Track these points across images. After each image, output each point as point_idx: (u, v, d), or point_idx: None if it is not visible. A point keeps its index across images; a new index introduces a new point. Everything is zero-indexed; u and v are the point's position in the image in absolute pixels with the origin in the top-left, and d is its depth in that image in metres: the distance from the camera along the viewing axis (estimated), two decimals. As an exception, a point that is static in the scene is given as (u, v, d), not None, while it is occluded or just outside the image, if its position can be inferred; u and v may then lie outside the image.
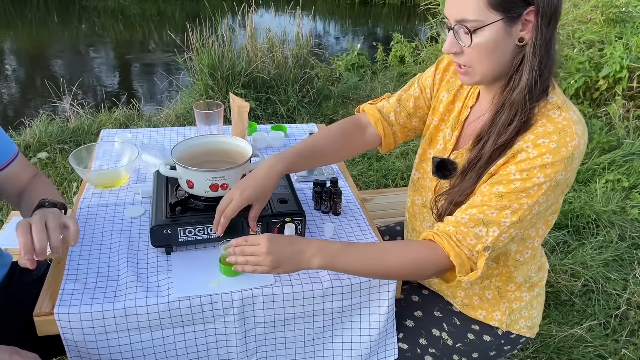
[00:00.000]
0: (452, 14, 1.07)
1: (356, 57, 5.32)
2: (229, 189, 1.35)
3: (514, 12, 1.02)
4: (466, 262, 1.12)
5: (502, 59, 1.08)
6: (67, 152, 3.40)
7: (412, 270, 1.16)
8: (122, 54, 6.85)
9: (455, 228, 1.13)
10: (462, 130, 1.29)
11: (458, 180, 1.20)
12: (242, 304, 1.21)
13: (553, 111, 1.08)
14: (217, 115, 1.81)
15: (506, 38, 1.05)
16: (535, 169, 1.06)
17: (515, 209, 1.09)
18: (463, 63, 1.12)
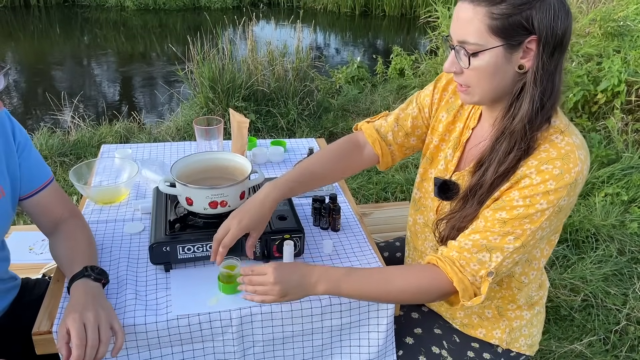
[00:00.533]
0: (455, 35, 1.08)
1: (356, 69, 5.35)
2: (228, 206, 1.36)
3: (515, 39, 1.02)
4: (469, 288, 1.12)
5: (502, 84, 1.09)
6: (67, 166, 3.41)
7: (416, 294, 1.18)
8: (123, 66, 6.89)
9: (458, 254, 1.14)
10: (463, 152, 1.29)
11: (459, 205, 1.20)
12: (241, 322, 1.21)
13: (556, 135, 1.08)
14: (216, 131, 1.82)
15: (506, 64, 1.05)
16: (538, 196, 1.07)
17: (519, 234, 1.10)
18: (462, 82, 1.13)
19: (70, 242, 1.31)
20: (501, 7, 1.01)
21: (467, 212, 1.17)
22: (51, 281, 1.30)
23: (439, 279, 1.14)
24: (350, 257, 1.42)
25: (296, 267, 1.17)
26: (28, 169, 1.32)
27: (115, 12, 9.69)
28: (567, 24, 1.02)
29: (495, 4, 1.01)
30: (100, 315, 1.09)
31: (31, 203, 1.35)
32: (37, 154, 1.37)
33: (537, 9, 1.00)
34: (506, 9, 1.01)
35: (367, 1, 10.03)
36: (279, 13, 10.06)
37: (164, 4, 9.81)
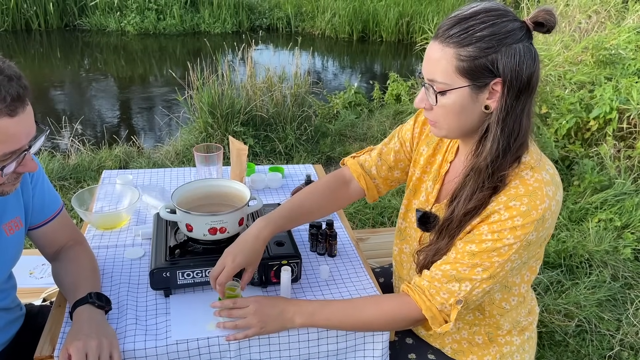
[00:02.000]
0: (426, 72, 1.12)
1: (353, 95, 5.44)
2: (227, 232, 1.39)
3: (480, 80, 1.07)
4: (438, 315, 1.18)
5: (468, 122, 1.13)
6: (67, 190, 3.45)
7: (388, 322, 1.25)
8: (123, 90, 6.97)
9: (429, 283, 1.20)
10: (442, 184, 1.34)
11: (434, 238, 1.25)
12: (239, 346, 1.24)
13: (526, 172, 1.12)
14: (216, 158, 1.86)
15: (472, 103, 1.10)
16: (505, 231, 1.12)
17: (487, 266, 1.15)
18: (430, 118, 1.18)
19: (74, 267, 1.34)
20: (468, 49, 1.05)
21: (440, 245, 1.23)
22: (53, 306, 1.33)
23: (408, 307, 1.21)
24: (346, 283, 1.45)
25: (275, 301, 1.27)
26: (40, 199, 1.34)
27: (115, 37, 9.81)
28: (533, 69, 1.06)
29: (462, 47, 1.05)
30: (102, 344, 1.12)
31: (39, 233, 1.37)
32: (49, 183, 1.39)
33: (502, 53, 1.04)
34: (473, 51, 1.04)
35: (364, 27, 10.19)
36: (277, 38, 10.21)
37: (164, 28, 9.95)
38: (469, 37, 1.04)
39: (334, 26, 10.13)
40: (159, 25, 9.96)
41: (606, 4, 6.44)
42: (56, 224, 1.38)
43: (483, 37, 1.04)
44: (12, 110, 0.97)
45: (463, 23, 1.06)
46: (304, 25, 10.52)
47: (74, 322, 1.17)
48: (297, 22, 10.51)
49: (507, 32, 1.04)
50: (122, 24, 9.93)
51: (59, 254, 1.39)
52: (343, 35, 10.17)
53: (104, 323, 1.19)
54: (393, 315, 1.23)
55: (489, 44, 1.04)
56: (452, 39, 1.06)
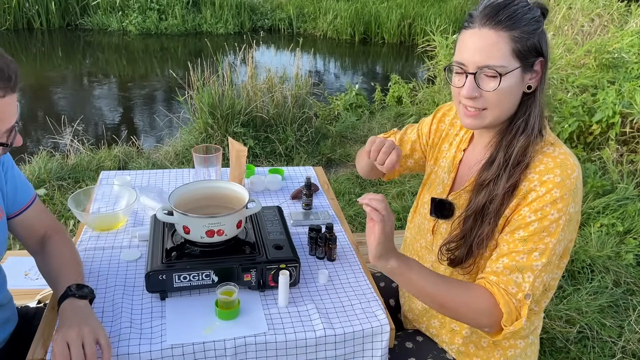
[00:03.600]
0: (477, 61, 1.13)
1: (354, 97, 5.42)
2: (225, 235, 1.37)
3: (529, 61, 1.13)
4: (514, 311, 1.15)
5: (512, 104, 1.18)
6: (65, 190, 3.42)
7: (468, 314, 1.18)
8: (124, 90, 6.96)
9: (496, 277, 1.17)
10: (457, 173, 1.36)
11: (470, 224, 1.23)
12: (235, 352, 1.22)
13: (547, 147, 1.17)
14: (215, 159, 1.84)
15: (519, 85, 1.15)
16: (547, 207, 1.13)
17: (542, 250, 1.14)
18: (479, 106, 1.17)
19: (55, 261, 1.34)
20: (520, 30, 1.10)
21: (483, 230, 1.21)
22: (46, 309, 1.30)
23: (490, 302, 1.15)
24: (345, 287, 1.43)
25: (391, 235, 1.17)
26: (13, 187, 1.35)
27: (117, 36, 9.81)
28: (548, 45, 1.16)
29: (515, 29, 1.10)
30: (83, 331, 1.11)
31: (17, 222, 1.38)
32: (20, 172, 1.41)
33: (541, 35, 1.13)
34: (524, 32, 1.10)
35: (366, 28, 10.18)
36: (279, 39, 10.20)
37: (165, 28, 9.94)
38: (519, 19, 1.10)
39: (335, 27, 10.12)
40: (160, 25, 9.96)
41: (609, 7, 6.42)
42: (33, 211, 1.40)
43: (529, 19, 1.11)
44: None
45: (507, 8, 1.11)
46: (306, 27, 10.51)
47: (59, 318, 1.17)
48: (299, 23, 10.50)
49: (539, 16, 1.13)
50: (124, 23, 9.93)
51: (41, 246, 1.39)
52: (345, 37, 10.16)
53: (86, 312, 1.18)
54: (477, 309, 1.16)
55: (535, 25, 1.11)
56: (503, 23, 1.10)
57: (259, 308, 1.32)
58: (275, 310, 1.32)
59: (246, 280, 1.36)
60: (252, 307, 1.32)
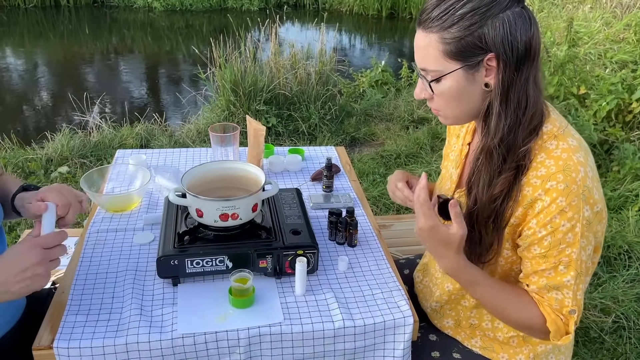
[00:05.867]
0: (418, 62, 1.08)
1: (380, 73, 5.26)
2: (240, 219, 1.30)
3: (472, 59, 1.01)
4: (562, 328, 1.09)
5: (471, 105, 1.08)
6: (87, 167, 3.41)
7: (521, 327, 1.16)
8: (148, 67, 6.94)
9: (538, 296, 1.11)
10: (464, 168, 1.28)
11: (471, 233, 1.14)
12: (249, 342, 1.15)
13: (550, 142, 1.05)
14: (232, 138, 1.76)
15: (470, 85, 1.04)
16: (555, 218, 1.02)
17: (566, 263, 1.05)
18: (434, 107, 1.13)
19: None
20: (452, 31, 0.99)
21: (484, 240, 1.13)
22: (56, 292, 1.26)
23: (541, 319, 1.10)
24: (366, 275, 1.35)
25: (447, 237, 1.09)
26: None
27: (143, 13, 9.78)
28: (529, 34, 0.99)
29: (445, 29, 1.00)
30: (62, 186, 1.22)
31: None
32: None
33: (489, 26, 0.98)
34: (457, 32, 0.99)
35: (393, 3, 9.92)
36: (304, 15, 10.02)
37: (190, 5, 9.87)
38: (450, 17, 0.99)
39: (362, 2, 9.89)
40: (185, 1, 9.89)
41: (652, -22, 6.07)
42: None
43: (464, 14, 0.98)
44: None
45: (442, 4, 1.01)
46: (332, 2, 10.30)
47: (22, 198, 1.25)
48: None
49: (490, 3, 0.98)
50: (150, 0, 9.87)
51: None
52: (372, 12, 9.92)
53: None
54: (531, 324, 1.12)
55: (471, 20, 0.98)
56: (434, 22, 1.01)
57: (275, 296, 1.26)
58: (292, 299, 1.25)
59: (262, 267, 1.29)
60: (268, 295, 1.26)
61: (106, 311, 1.19)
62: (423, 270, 1.48)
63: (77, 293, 1.24)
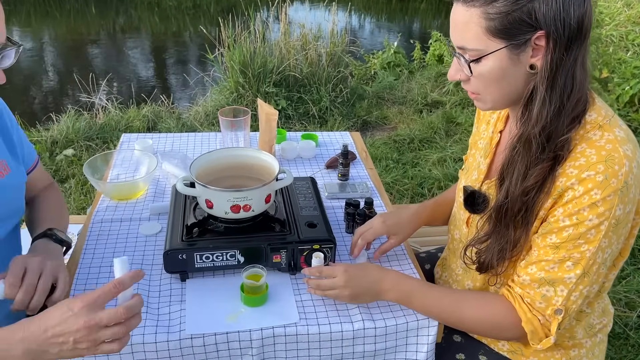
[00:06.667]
0: (454, 40, 0.97)
1: (392, 55, 5.12)
2: (252, 210, 1.22)
3: (519, 38, 0.91)
4: (539, 329, 1.00)
5: (513, 88, 0.97)
6: (93, 151, 3.34)
7: (488, 329, 1.10)
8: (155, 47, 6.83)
9: (522, 290, 1.02)
10: (494, 157, 1.18)
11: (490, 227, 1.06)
12: (262, 344, 1.08)
13: (594, 132, 0.95)
14: (243, 123, 1.67)
15: (513, 66, 0.94)
16: (584, 211, 0.93)
17: (577, 259, 0.96)
18: (470, 90, 1.03)
19: (43, 205, 1.28)
20: (497, 5, 0.89)
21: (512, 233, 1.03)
22: (58, 287, 1.19)
23: (512, 318, 1.03)
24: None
25: (367, 271, 1.13)
26: (20, 147, 1.25)
27: (150, -8, 9.62)
28: (582, 10, 0.89)
29: (489, 3, 0.90)
30: (45, 264, 1.03)
31: None
32: (23, 133, 1.31)
33: (540, 1, 0.88)
34: (503, 6, 0.89)
35: (404, -17, 9.70)
36: (314, -6, 9.82)
37: (198, -16, 9.69)
38: None
39: (373, -18, 9.66)
40: (192, -20, 9.70)
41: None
42: (36, 173, 1.33)
43: None
44: None
45: None
46: (342, -19, 10.07)
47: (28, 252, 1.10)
48: (335, -23, 10.08)
49: None
50: (156, -21, 9.69)
51: (31, 199, 1.32)
52: (382, -8, 9.71)
53: (57, 253, 1.11)
54: (494, 324, 1.07)
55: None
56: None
57: (290, 294, 1.18)
58: (308, 296, 1.17)
59: (275, 262, 1.21)
60: (282, 292, 1.18)
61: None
62: (442, 265, 1.40)
63: (79, 288, 1.17)
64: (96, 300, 0.82)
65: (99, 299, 0.82)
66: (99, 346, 0.82)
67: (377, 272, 1.13)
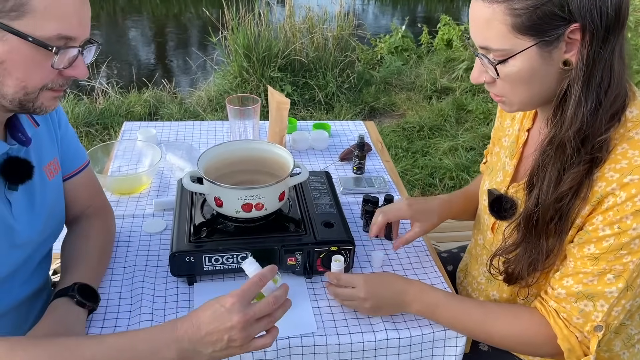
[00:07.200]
0: (476, 39, 0.88)
1: (400, 39, 4.99)
2: (265, 209, 1.12)
3: (550, 34, 0.81)
4: (577, 347, 0.92)
5: (544, 87, 0.88)
6: (93, 136, 3.24)
7: (520, 345, 1.02)
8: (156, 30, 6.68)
9: (557, 304, 0.93)
10: (521, 158, 1.08)
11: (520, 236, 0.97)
12: (277, 355, 1.00)
13: (635, 131, 0.86)
14: (253, 112, 1.57)
15: (545, 65, 0.84)
16: (627, 219, 0.84)
17: (619, 272, 0.87)
18: (495, 93, 0.94)
19: (78, 244, 1.10)
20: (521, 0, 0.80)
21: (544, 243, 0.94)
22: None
23: (546, 334, 0.94)
24: (409, 276, 1.18)
25: (389, 282, 1.05)
26: (67, 146, 1.10)
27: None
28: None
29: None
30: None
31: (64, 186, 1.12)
32: (73, 132, 1.15)
33: None
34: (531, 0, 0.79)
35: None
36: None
37: (199, -35, 9.49)
38: None
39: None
40: (194, -40, 9.49)
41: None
42: (82, 178, 1.14)
43: None
44: None
45: None
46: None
47: (43, 316, 0.94)
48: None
49: None
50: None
51: (75, 220, 1.14)
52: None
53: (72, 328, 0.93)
54: (526, 340, 0.99)
55: None
56: None
57: (306, 300, 1.09)
58: (325, 303, 1.09)
59: (290, 265, 1.12)
60: (298, 298, 1.09)
61: (112, 316, 1.03)
62: (464, 270, 1.31)
63: (79, 292, 1.08)
64: (246, 294, 0.83)
65: (248, 293, 0.83)
66: (251, 342, 0.83)
67: (399, 283, 1.05)
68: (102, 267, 1.11)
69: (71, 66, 0.84)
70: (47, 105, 0.86)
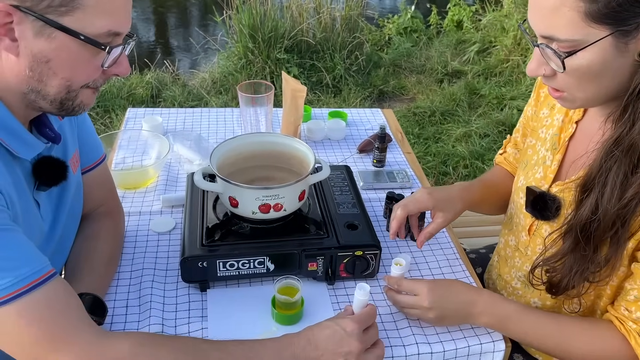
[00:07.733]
0: (538, 28, 0.79)
1: (409, 20, 4.84)
2: (284, 210, 1.03)
3: (630, 22, 0.72)
4: None
5: (614, 82, 0.79)
6: (94, 120, 3.13)
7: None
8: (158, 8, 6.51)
9: (637, 325, 0.84)
10: (566, 153, 0.98)
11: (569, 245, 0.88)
12: (298, 371, 0.91)
13: None
14: (266, 100, 1.47)
15: (618, 57, 0.76)
16: None
17: None
18: (555, 87, 0.85)
19: (86, 248, 1.01)
20: None
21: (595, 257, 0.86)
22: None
23: (628, 353, 0.86)
24: (436, 277, 1.10)
25: (456, 291, 0.96)
26: (84, 139, 1.02)
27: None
28: None
29: None
30: None
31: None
32: (90, 121, 1.07)
33: None
34: None
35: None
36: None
37: (201, -60, 9.25)
38: None
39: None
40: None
41: None
42: (98, 173, 1.07)
43: None
44: None
45: None
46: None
47: None
48: None
49: None
50: None
51: (84, 219, 1.05)
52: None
53: None
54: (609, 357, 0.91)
55: None
56: None
57: (328, 308, 1.01)
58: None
59: (311, 270, 1.04)
60: (319, 307, 1.01)
61: (119, 324, 0.95)
62: (490, 272, 1.23)
63: (82, 300, 1.00)
64: (364, 323, 0.86)
65: (366, 323, 0.87)
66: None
67: (467, 292, 0.96)
68: (110, 273, 1.02)
69: (117, 62, 0.79)
70: (86, 104, 0.82)
